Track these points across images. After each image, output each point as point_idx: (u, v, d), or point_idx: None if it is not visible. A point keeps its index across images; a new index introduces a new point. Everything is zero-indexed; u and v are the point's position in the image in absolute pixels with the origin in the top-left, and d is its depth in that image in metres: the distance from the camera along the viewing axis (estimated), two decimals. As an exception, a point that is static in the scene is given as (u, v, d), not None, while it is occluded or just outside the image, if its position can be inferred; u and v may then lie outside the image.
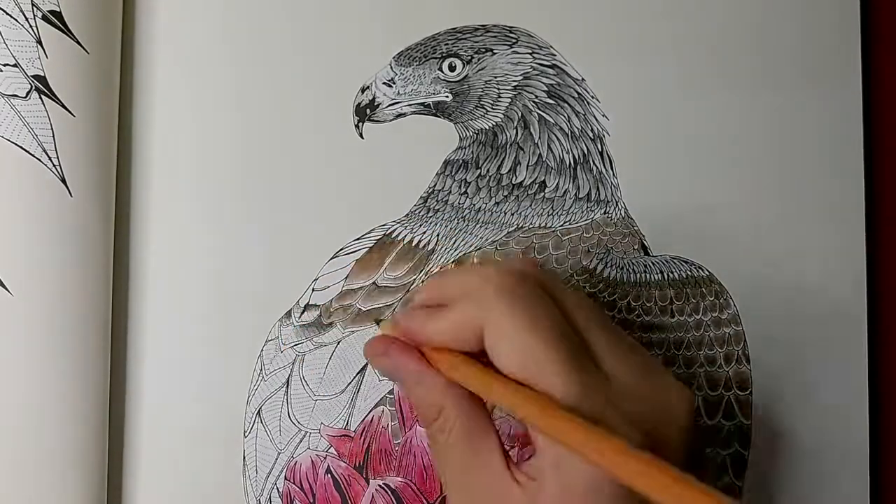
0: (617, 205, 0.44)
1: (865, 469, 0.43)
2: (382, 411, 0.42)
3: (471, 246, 0.43)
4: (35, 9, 0.40)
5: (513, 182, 0.43)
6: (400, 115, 0.43)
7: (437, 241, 0.43)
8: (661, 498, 0.27)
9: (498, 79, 0.43)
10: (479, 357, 0.32)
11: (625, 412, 0.31)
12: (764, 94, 0.44)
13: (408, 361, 0.33)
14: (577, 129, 0.43)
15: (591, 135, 0.44)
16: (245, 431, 0.42)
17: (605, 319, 0.34)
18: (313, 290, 0.42)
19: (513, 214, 0.43)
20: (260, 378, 0.42)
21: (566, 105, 0.43)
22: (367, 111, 0.43)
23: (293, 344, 0.42)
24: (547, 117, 0.43)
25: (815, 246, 0.44)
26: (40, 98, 0.39)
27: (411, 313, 0.34)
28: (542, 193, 0.43)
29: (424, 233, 0.43)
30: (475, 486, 0.32)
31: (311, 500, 0.42)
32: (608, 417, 0.30)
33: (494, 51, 0.43)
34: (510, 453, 0.33)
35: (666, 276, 0.43)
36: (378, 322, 0.40)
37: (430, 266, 0.43)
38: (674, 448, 0.31)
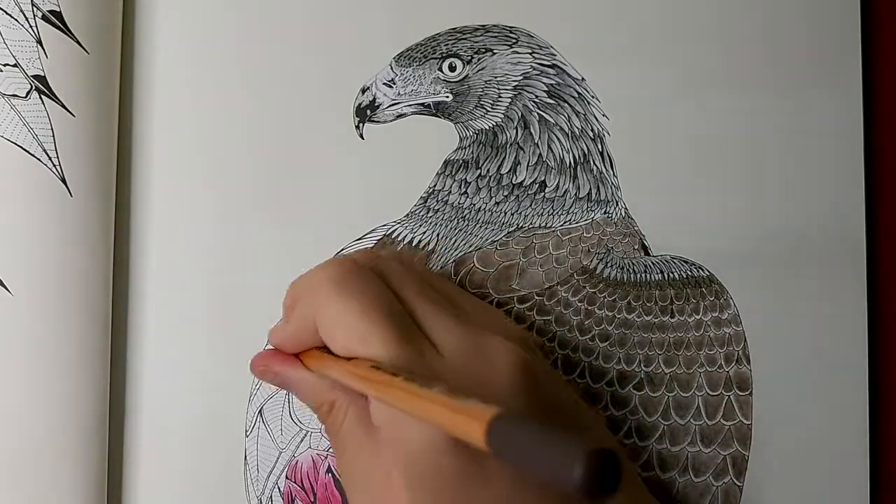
0: (617, 205, 0.44)
1: (865, 469, 0.43)
2: (383, 411, 0.42)
3: (471, 246, 0.43)
4: (35, 9, 0.40)
5: (513, 182, 0.43)
6: (400, 116, 0.43)
7: (438, 241, 0.43)
8: (439, 420, 0.28)
9: (498, 79, 0.43)
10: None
11: (451, 378, 0.33)
12: (764, 95, 0.44)
13: (287, 370, 0.37)
14: (578, 128, 0.43)
15: (591, 135, 0.44)
16: (246, 430, 0.42)
17: (433, 293, 0.37)
18: (314, 290, 0.42)
19: (513, 214, 0.43)
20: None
21: (566, 105, 0.43)
22: (368, 112, 0.43)
23: (294, 344, 0.42)
24: (547, 117, 0.43)
25: (816, 246, 0.44)
26: (40, 98, 0.39)
27: (273, 328, 0.38)
28: (543, 193, 0.43)
29: (424, 233, 0.43)
30: (370, 460, 0.34)
31: (313, 499, 0.42)
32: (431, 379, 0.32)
33: (494, 51, 0.43)
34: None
35: (666, 276, 0.43)
36: None
37: (430, 266, 0.43)
38: (505, 399, 0.33)
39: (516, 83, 0.43)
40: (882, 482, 0.44)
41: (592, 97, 0.44)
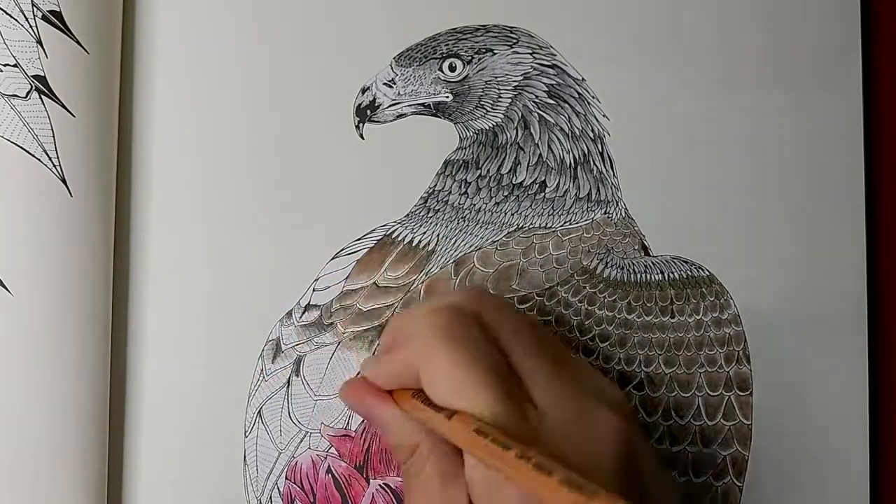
0: (617, 205, 0.44)
1: (865, 469, 0.43)
2: (383, 411, 0.42)
3: (471, 246, 0.43)
4: (35, 9, 0.40)
5: (513, 182, 0.43)
6: (400, 116, 0.43)
7: (438, 241, 0.43)
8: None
9: (498, 79, 0.43)
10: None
11: (550, 441, 0.32)
12: (764, 94, 0.44)
13: (379, 406, 0.36)
14: (578, 129, 0.43)
15: (591, 135, 0.44)
16: (246, 431, 0.42)
17: (541, 347, 0.36)
18: (314, 290, 0.42)
19: (513, 214, 0.43)
20: (261, 378, 0.42)
21: (566, 105, 0.43)
22: (368, 112, 0.43)
23: (294, 344, 0.42)
24: (547, 117, 0.43)
25: (816, 246, 0.44)
26: (40, 98, 0.39)
27: (369, 360, 0.38)
28: (543, 193, 0.43)
29: (425, 233, 0.43)
30: None
31: (312, 500, 0.42)
32: (531, 443, 0.31)
33: (495, 51, 0.43)
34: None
35: (666, 277, 0.43)
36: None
37: (431, 266, 0.43)
38: (606, 472, 0.33)
39: (516, 83, 0.43)
40: (882, 482, 0.44)
41: (592, 97, 0.44)
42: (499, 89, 0.43)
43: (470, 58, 0.43)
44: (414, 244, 0.43)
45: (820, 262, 0.44)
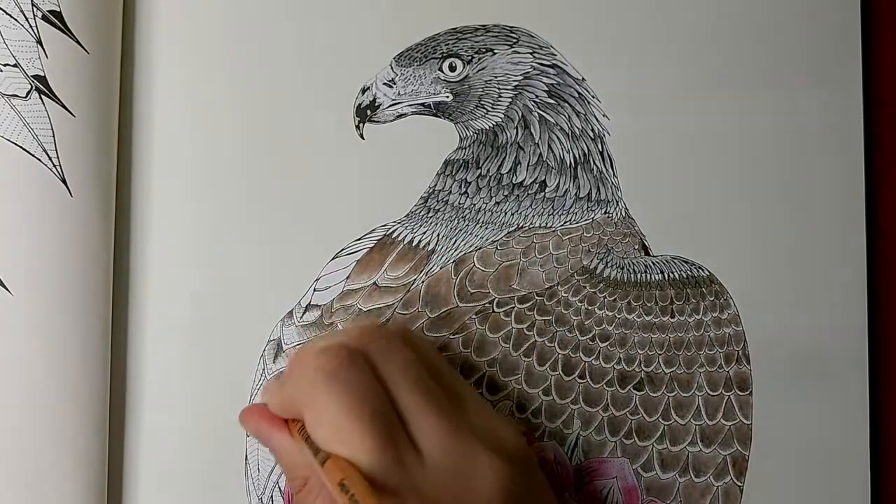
0: (617, 205, 0.44)
1: (866, 469, 0.43)
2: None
3: (471, 246, 0.43)
4: (35, 9, 0.40)
5: (513, 182, 0.43)
6: (400, 116, 0.43)
7: (438, 241, 0.43)
8: None
9: (498, 79, 0.43)
10: None
11: (429, 487, 0.33)
12: (764, 94, 0.44)
13: (273, 434, 0.36)
14: (578, 128, 0.43)
15: (591, 135, 0.44)
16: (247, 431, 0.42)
17: (431, 386, 0.35)
18: (315, 290, 0.42)
19: (513, 214, 0.43)
20: (262, 378, 0.42)
21: (567, 105, 0.44)
22: (368, 112, 0.43)
23: (295, 344, 0.42)
24: (547, 117, 0.43)
25: (816, 246, 0.44)
26: (40, 98, 0.39)
27: (268, 385, 0.38)
28: (543, 193, 0.43)
29: (425, 233, 0.43)
30: None
31: (312, 500, 0.42)
32: (406, 493, 0.32)
33: (495, 51, 0.43)
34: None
35: (666, 276, 0.43)
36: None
37: (431, 266, 0.43)
38: None
39: (517, 83, 0.43)
40: (882, 482, 0.44)
41: (592, 97, 0.44)
42: (499, 89, 0.43)
43: (470, 57, 0.43)
44: (414, 244, 0.43)
45: (820, 262, 0.44)
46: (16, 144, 0.39)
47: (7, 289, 0.39)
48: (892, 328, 0.45)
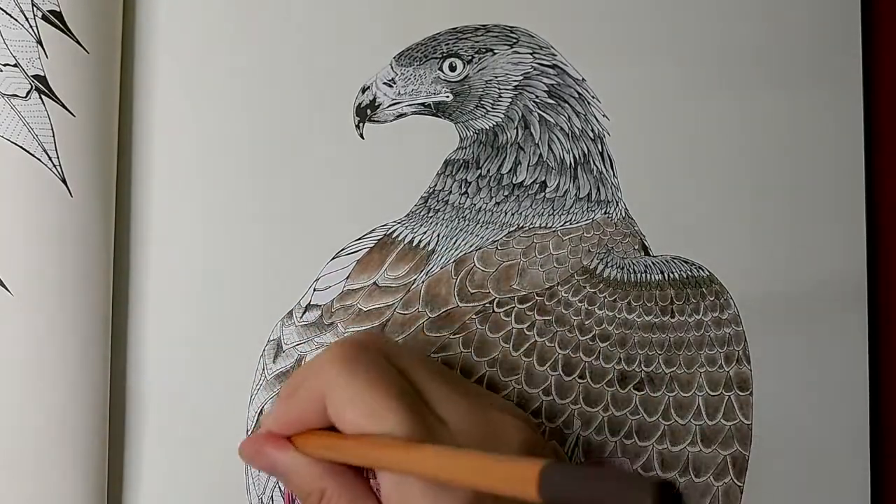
0: (617, 205, 0.44)
1: (866, 469, 0.43)
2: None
3: (471, 246, 0.43)
4: (35, 9, 0.40)
5: (513, 182, 0.43)
6: (400, 116, 0.43)
7: (438, 241, 0.43)
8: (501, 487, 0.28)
9: (499, 79, 0.43)
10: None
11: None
12: (764, 95, 0.44)
13: (280, 454, 0.36)
14: (578, 129, 0.43)
15: (591, 135, 0.44)
16: (247, 431, 0.42)
17: (441, 372, 0.37)
18: (314, 290, 0.42)
19: (513, 214, 0.43)
20: (262, 378, 0.42)
21: (567, 105, 0.44)
22: (368, 111, 0.43)
23: (295, 344, 0.42)
24: (547, 117, 0.43)
25: (816, 246, 0.44)
26: (40, 98, 0.39)
27: (268, 413, 0.37)
28: (543, 193, 0.43)
29: (425, 233, 0.43)
30: None
31: (312, 501, 0.42)
32: None
33: (495, 51, 0.43)
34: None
35: (666, 277, 0.43)
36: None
37: (431, 266, 0.43)
38: None
39: (517, 83, 0.43)
40: (882, 482, 0.44)
41: (592, 97, 0.44)
42: (499, 89, 0.43)
43: (470, 57, 0.43)
44: (414, 244, 0.43)
45: (820, 262, 0.44)
46: (16, 144, 0.39)
47: (7, 289, 0.39)
48: (892, 329, 0.45)
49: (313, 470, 0.35)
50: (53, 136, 0.39)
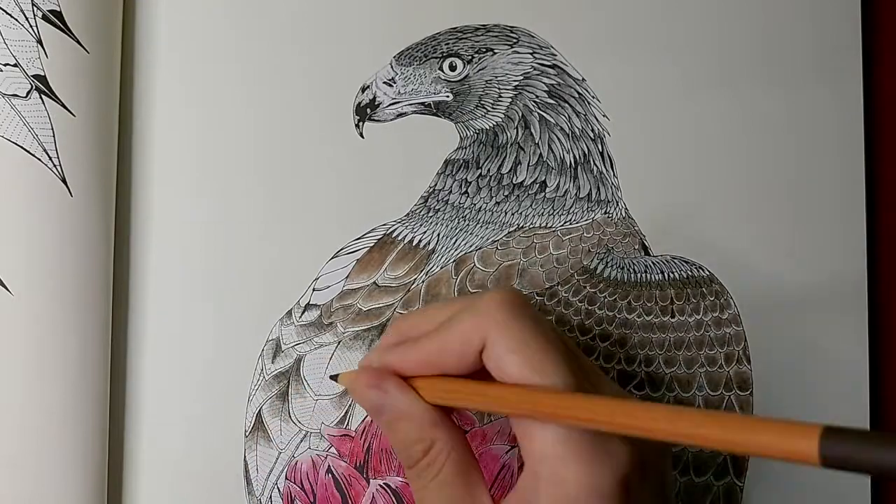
0: (617, 205, 0.44)
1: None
2: (383, 411, 0.42)
3: (471, 246, 0.43)
4: (35, 9, 0.40)
5: (513, 182, 0.43)
6: (400, 115, 0.43)
7: (438, 240, 0.43)
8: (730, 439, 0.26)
9: (499, 78, 0.43)
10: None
11: None
12: (764, 94, 0.44)
13: (400, 395, 0.33)
14: (578, 129, 0.43)
15: (591, 135, 0.44)
16: (246, 431, 0.42)
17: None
18: (314, 289, 0.42)
19: (513, 214, 0.43)
20: (261, 378, 0.42)
21: (567, 105, 0.43)
22: (368, 111, 0.43)
23: (294, 344, 0.42)
24: (547, 117, 0.43)
25: (816, 246, 0.44)
26: (40, 98, 0.39)
27: (384, 350, 0.34)
28: (543, 193, 0.43)
29: (425, 232, 0.43)
30: None
31: (312, 500, 0.42)
32: None
33: (495, 50, 0.43)
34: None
35: (667, 276, 0.43)
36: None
37: (431, 266, 0.43)
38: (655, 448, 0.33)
39: (517, 83, 0.43)
40: (882, 482, 0.44)
41: (593, 97, 0.44)
42: (499, 89, 0.43)
43: (470, 57, 0.43)
44: (414, 243, 0.43)
45: (820, 262, 0.44)
46: (16, 144, 0.39)
47: (7, 289, 0.39)
48: (893, 328, 0.45)
49: (428, 416, 0.33)
50: (53, 136, 0.39)
